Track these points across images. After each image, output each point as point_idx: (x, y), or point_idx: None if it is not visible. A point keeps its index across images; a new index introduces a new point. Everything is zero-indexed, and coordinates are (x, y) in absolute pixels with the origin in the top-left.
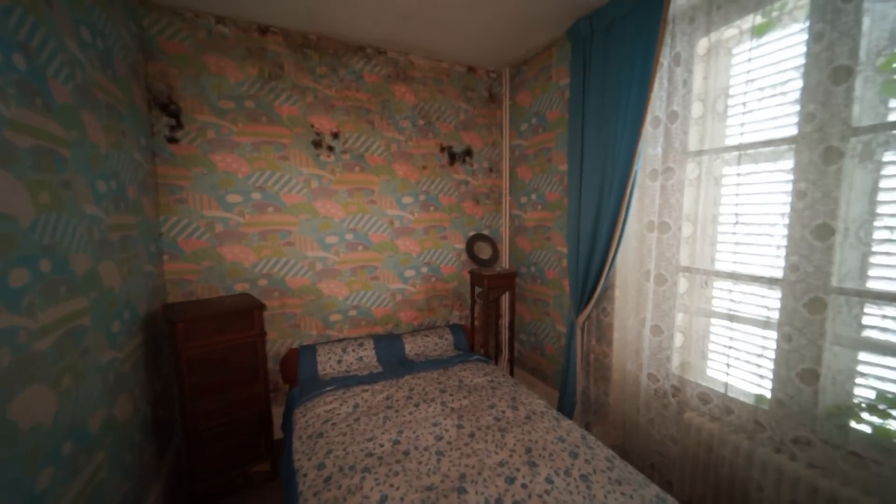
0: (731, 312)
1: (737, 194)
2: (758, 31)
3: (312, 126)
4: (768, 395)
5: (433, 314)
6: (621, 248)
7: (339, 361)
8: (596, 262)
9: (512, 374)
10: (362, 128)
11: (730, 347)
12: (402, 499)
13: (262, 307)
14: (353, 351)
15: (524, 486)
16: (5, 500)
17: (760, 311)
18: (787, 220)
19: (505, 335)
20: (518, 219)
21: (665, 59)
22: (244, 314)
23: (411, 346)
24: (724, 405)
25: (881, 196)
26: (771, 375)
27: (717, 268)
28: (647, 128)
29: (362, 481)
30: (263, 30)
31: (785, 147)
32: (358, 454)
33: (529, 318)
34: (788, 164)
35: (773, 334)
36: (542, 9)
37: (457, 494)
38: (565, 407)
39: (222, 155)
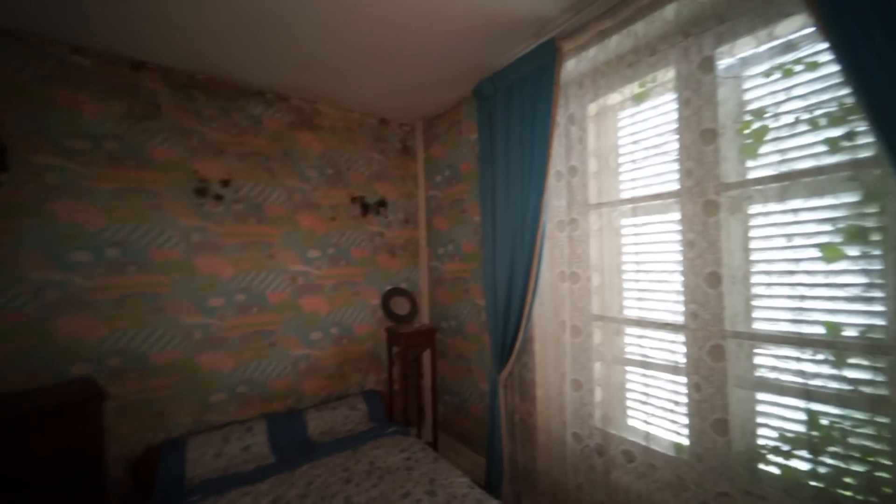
0: (645, 359)
1: (636, 244)
2: (637, 98)
3: (196, 172)
4: (687, 442)
5: (345, 381)
6: (538, 300)
7: (218, 456)
8: (514, 315)
9: (436, 441)
10: (260, 175)
11: (647, 395)
12: None
13: (93, 398)
14: (238, 439)
15: None
16: None
17: (671, 356)
18: (682, 269)
19: (428, 397)
20: (436, 271)
21: (561, 119)
22: (55, 418)
23: (316, 424)
24: (648, 461)
25: (752, 244)
26: (687, 425)
27: (627, 315)
28: (552, 181)
29: None
30: (137, 65)
31: (672, 200)
32: None
33: (452, 376)
34: (677, 216)
35: (684, 380)
36: (447, 69)
37: None
38: (493, 477)
39: (66, 203)
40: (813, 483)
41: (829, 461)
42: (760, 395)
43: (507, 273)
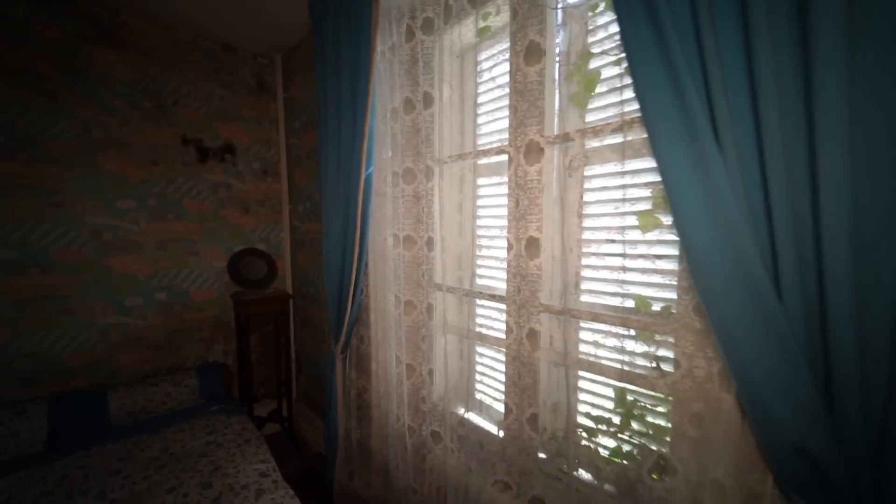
0: (482, 333)
1: (481, 206)
2: (482, 34)
3: None
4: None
5: (180, 353)
6: (372, 267)
7: None
8: (346, 282)
9: (290, 416)
10: (34, 102)
11: (484, 372)
12: None
13: None
14: (6, 424)
15: None
16: None
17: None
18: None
19: (292, 369)
20: (297, 231)
21: (386, 46)
22: None
23: (122, 403)
24: (476, 440)
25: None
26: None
27: (476, 285)
28: (380, 125)
29: None
30: None
31: (503, 156)
32: None
33: (313, 347)
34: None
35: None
36: None
37: None
38: (328, 455)
39: None
40: (616, 461)
41: (632, 440)
42: (581, 374)
43: (341, 235)
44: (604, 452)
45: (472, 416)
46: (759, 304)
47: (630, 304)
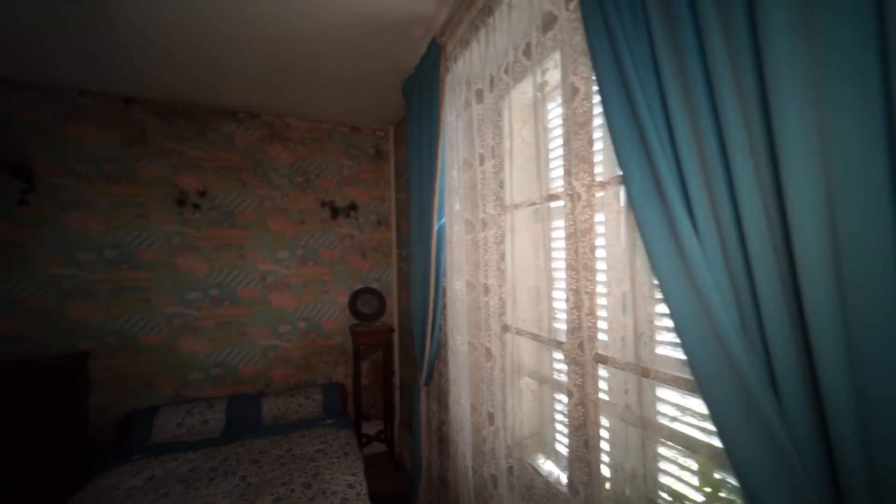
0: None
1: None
2: (541, 89)
3: (177, 185)
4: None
5: (313, 372)
6: (450, 310)
7: (180, 425)
8: (426, 321)
9: (392, 438)
10: (232, 186)
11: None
12: None
13: (77, 365)
14: (200, 413)
15: None
16: None
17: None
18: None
19: (396, 396)
20: (402, 272)
21: (452, 114)
22: (49, 376)
23: (270, 409)
24: (546, 493)
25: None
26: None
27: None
28: (457, 179)
29: None
30: (128, 100)
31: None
32: None
33: (412, 377)
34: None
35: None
36: (379, 76)
37: None
38: (413, 479)
39: (75, 214)
40: None
41: None
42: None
43: (422, 279)
44: None
45: (541, 464)
46: (737, 379)
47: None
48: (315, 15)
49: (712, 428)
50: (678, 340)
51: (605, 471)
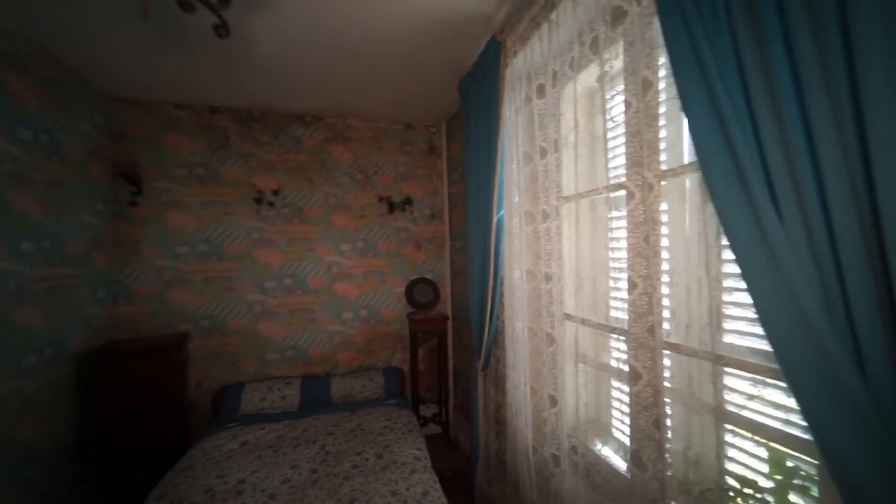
0: (618, 368)
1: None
2: (601, 80)
3: (255, 185)
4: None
5: (373, 356)
6: (504, 297)
7: (263, 399)
8: (484, 309)
9: (447, 421)
10: (301, 185)
11: (616, 409)
12: None
13: (180, 345)
14: (279, 390)
15: None
16: None
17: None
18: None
19: (451, 381)
20: (455, 263)
21: (510, 110)
22: (163, 351)
23: (338, 388)
24: (603, 476)
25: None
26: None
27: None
28: (517, 171)
29: None
30: (213, 110)
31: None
32: (198, 489)
33: (465, 363)
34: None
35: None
36: (436, 73)
37: None
38: (472, 461)
39: (174, 213)
40: None
41: None
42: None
43: (480, 268)
44: None
45: (598, 449)
46: (824, 361)
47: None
48: (386, 19)
49: (784, 416)
50: (760, 329)
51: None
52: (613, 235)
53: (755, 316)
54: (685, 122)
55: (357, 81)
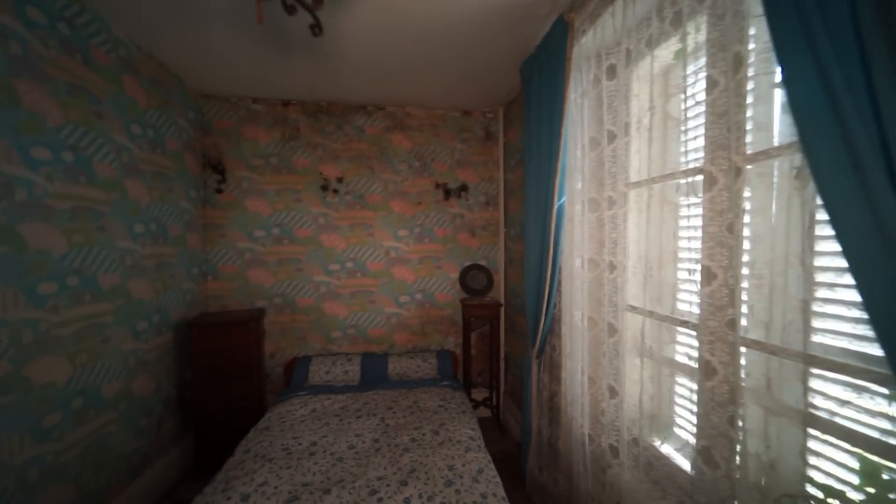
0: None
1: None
2: (678, 56)
3: (321, 174)
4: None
5: (427, 339)
6: (563, 285)
7: (328, 372)
8: (541, 296)
9: (498, 405)
10: (363, 172)
11: (679, 405)
12: (276, 487)
13: (258, 319)
14: (342, 365)
15: (380, 500)
16: (15, 427)
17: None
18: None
19: (502, 367)
20: (509, 250)
21: (576, 92)
22: (244, 324)
23: (395, 367)
24: (664, 472)
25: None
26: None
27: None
28: (580, 157)
29: (261, 468)
30: (286, 103)
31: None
32: (277, 447)
33: (518, 350)
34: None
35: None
36: (497, 58)
37: (321, 494)
38: (524, 446)
39: (252, 199)
40: None
41: None
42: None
43: (538, 256)
44: None
45: (658, 444)
46: None
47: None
48: (454, 4)
49: (884, 425)
50: (861, 328)
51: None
52: (684, 224)
53: (860, 314)
54: (777, 100)
55: (419, 70)
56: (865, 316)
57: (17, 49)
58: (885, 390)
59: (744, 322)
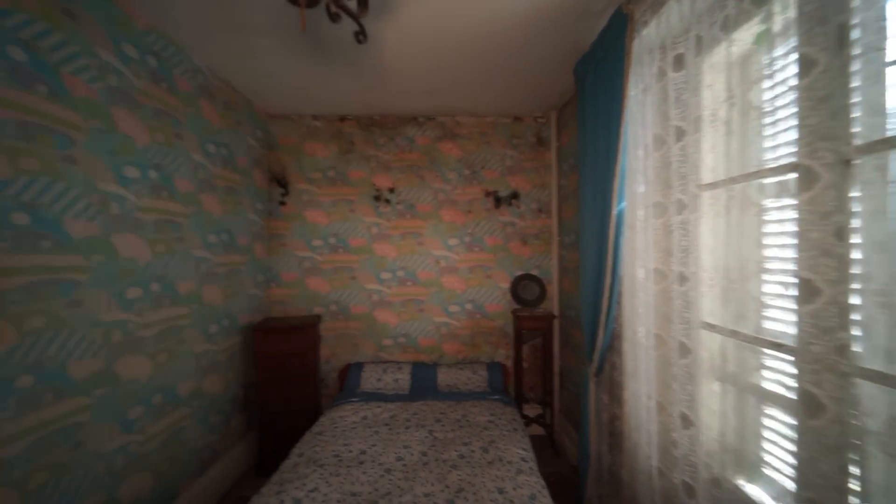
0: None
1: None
2: (760, 40)
3: (374, 184)
4: None
5: (477, 350)
6: (624, 298)
7: (379, 380)
8: (598, 309)
9: (552, 424)
10: (414, 182)
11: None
12: (325, 494)
13: (314, 325)
14: (392, 373)
15: None
16: (105, 418)
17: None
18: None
19: (556, 383)
20: (564, 259)
21: (637, 89)
22: (301, 330)
23: (444, 377)
24: None
25: None
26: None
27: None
28: (643, 158)
29: (312, 473)
30: (342, 118)
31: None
32: (328, 453)
33: (573, 365)
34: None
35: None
36: (549, 59)
37: None
38: (581, 472)
39: (311, 211)
40: None
41: None
42: None
43: (595, 265)
44: None
45: (745, 486)
46: None
47: None
48: (504, 9)
49: None
50: None
51: None
52: (772, 230)
53: None
54: (892, 79)
55: (469, 77)
56: None
57: (115, 81)
58: None
59: (858, 348)
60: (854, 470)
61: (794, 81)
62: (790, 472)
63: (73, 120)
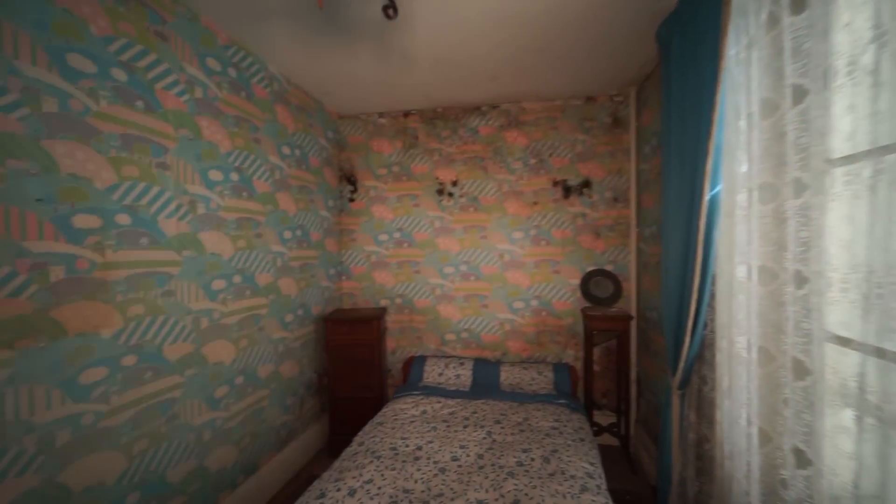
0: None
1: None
2: None
3: (437, 178)
4: None
5: (543, 349)
6: (718, 300)
7: (441, 374)
8: (685, 313)
9: (627, 435)
10: (476, 174)
11: None
12: (379, 488)
13: (380, 318)
14: (454, 368)
15: None
16: (195, 395)
17: None
18: None
19: (633, 390)
20: (643, 253)
21: (738, 45)
22: (367, 322)
23: (507, 376)
24: None
25: None
26: None
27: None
28: (732, 138)
29: (369, 464)
30: (406, 114)
31: None
32: (386, 445)
33: (653, 373)
34: None
35: None
36: (626, 24)
37: None
38: (660, 495)
39: (377, 206)
40: None
41: None
42: None
43: (681, 261)
44: None
45: None
46: None
47: None
48: None
49: None
50: None
51: None
52: None
53: None
54: None
55: (533, 57)
56: None
57: (200, 93)
58: None
59: None
60: None
61: None
62: None
63: (166, 130)
